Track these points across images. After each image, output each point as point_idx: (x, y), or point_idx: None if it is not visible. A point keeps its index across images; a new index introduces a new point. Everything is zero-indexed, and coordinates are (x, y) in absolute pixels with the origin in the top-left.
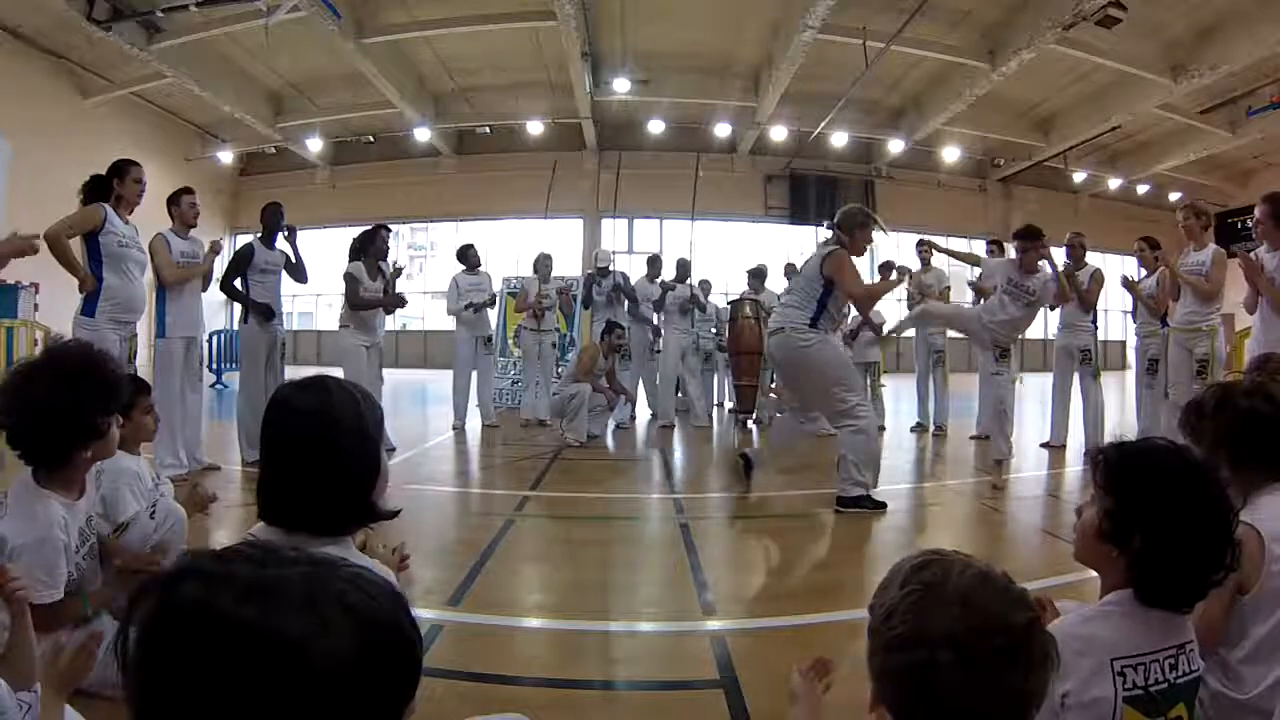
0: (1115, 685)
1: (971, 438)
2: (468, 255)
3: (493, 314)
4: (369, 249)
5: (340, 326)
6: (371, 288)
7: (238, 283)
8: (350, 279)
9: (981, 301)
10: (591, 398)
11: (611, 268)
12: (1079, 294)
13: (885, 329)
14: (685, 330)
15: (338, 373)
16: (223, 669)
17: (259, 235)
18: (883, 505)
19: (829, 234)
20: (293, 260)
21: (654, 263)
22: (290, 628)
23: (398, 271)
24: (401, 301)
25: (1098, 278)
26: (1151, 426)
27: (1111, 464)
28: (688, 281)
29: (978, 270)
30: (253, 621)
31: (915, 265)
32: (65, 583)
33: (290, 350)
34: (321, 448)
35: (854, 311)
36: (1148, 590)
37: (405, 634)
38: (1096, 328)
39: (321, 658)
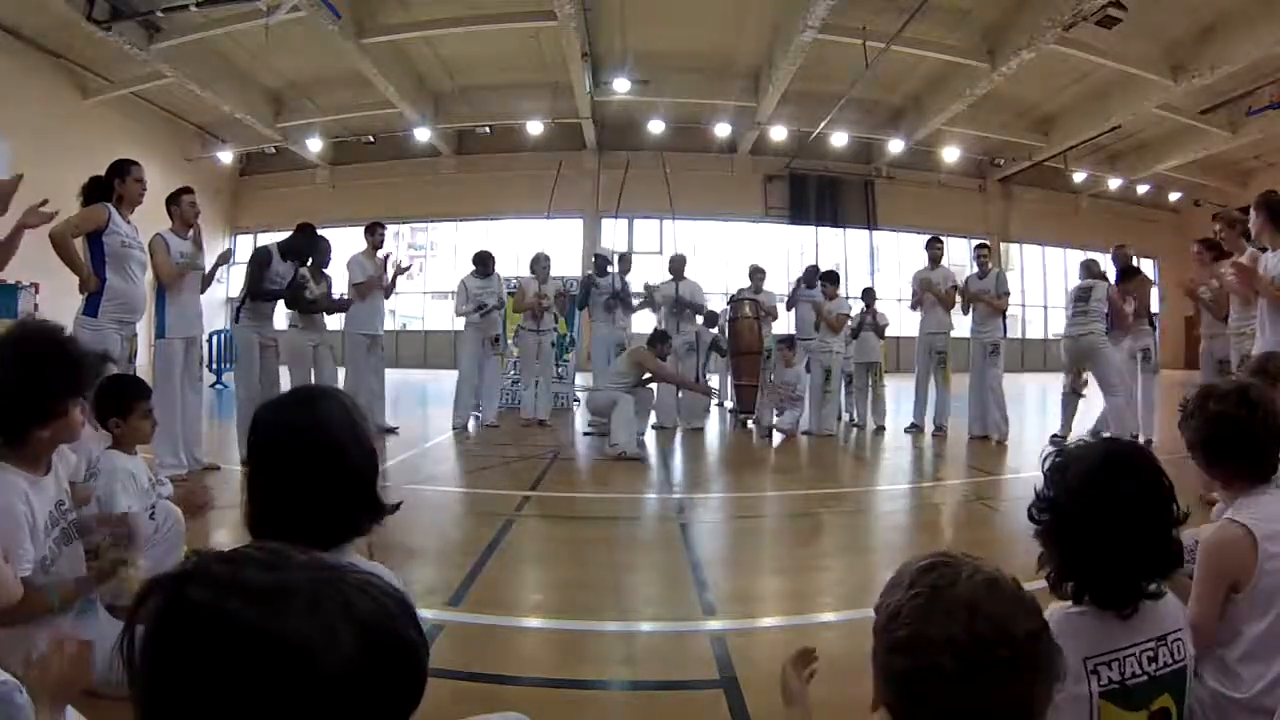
0: (1090, 683)
1: (970, 438)
2: (486, 262)
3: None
4: (314, 257)
5: (289, 326)
6: (316, 292)
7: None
8: (298, 283)
9: (973, 310)
10: (637, 402)
11: (612, 269)
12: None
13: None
14: (674, 331)
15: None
16: (228, 672)
17: (279, 243)
18: None
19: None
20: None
21: (677, 263)
22: (296, 633)
23: (400, 269)
24: (345, 305)
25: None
26: None
27: (1045, 465)
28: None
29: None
30: (259, 625)
31: (923, 263)
32: (34, 563)
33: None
34: (323, 461)
35: (854, 310)
36: (1078, 590)
37: (411, 642)
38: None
39: (326, 664)
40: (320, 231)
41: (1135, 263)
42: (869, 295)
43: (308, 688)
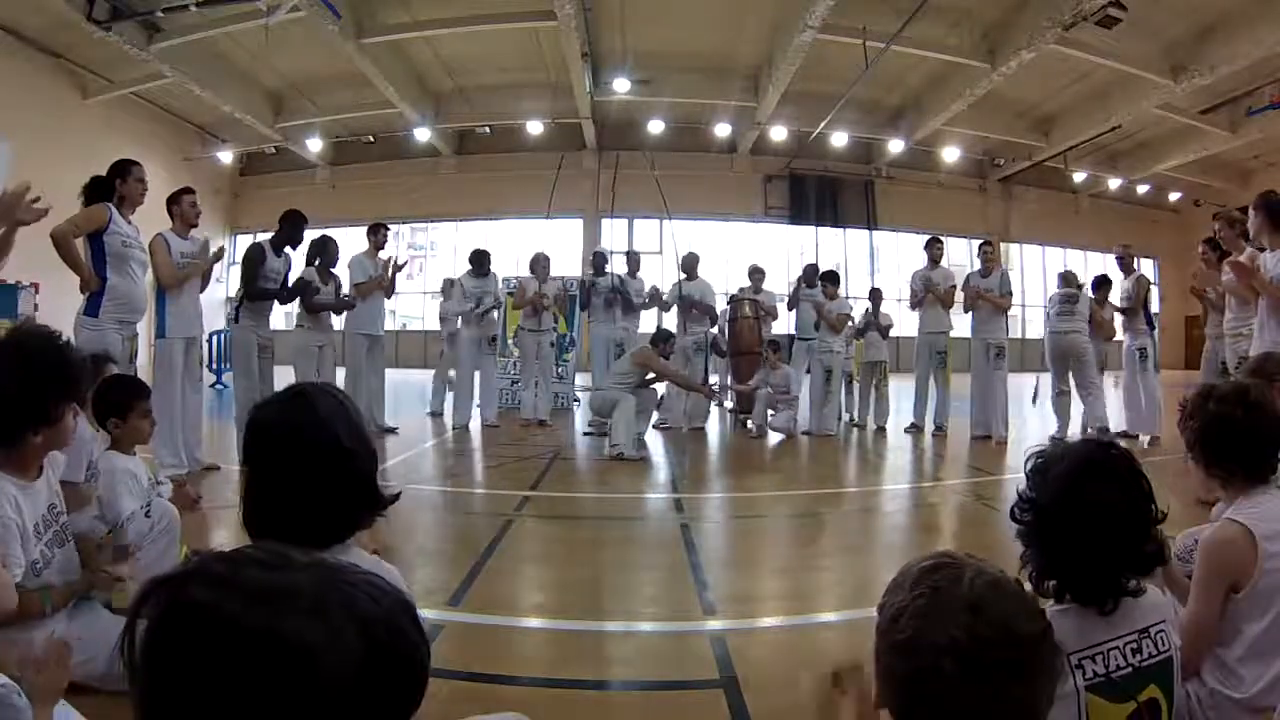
0: (1075, 678)
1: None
2: (482, 261)
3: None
4: (322, 257)
5: (295, 326)
6: (324, 291)
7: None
8: (304, 284)
9: (975, 310)
10: (639, 402)
11: (610, 267)
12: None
13: None
14: (683, 331)
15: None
16: (229, 673)
17: (271, 238)
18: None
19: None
20: (287, 284)
21: (689, 262)
22: (298, 633)
23: (398, 267)
24: (351, 304)
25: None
26: None
27: (1028, 467)
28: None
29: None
30: (260, 626)
31: (923, 263)
32: (24, 568)
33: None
34: (320, 455)
35: (855, 310)
36: (1059, 588)
37: (413, 642)
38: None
39: (328, 664)
40: (320, 232)
41: (1135, 264)
42: (876, 295)
43: (309, 689)
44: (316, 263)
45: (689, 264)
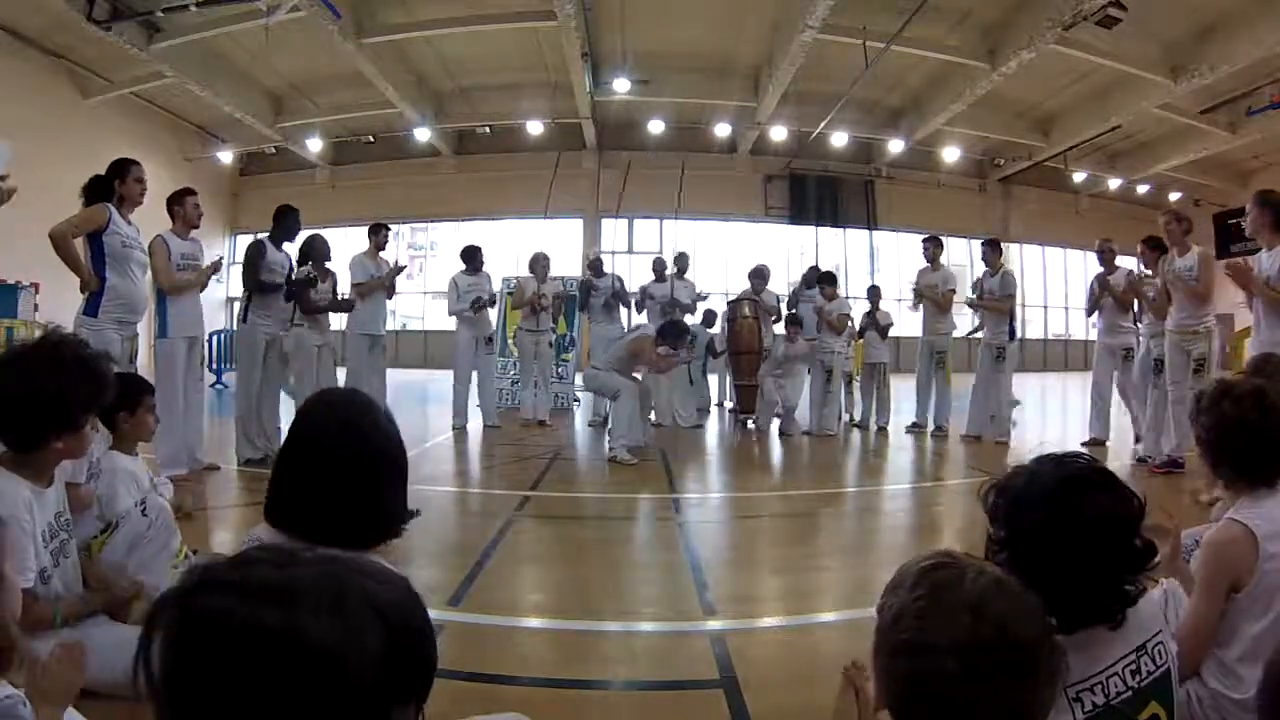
0: (1073, 712)
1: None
2: (474, 257)
3: (493, 314)
4: (313, 255)
5: (293, 325)
6: (321, 290)
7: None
8: (309, 278)
9: (977, 316)
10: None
11: (607, 269)
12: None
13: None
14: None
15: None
16: (254, 676)
17: (269, 234)
18: None
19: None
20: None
21: (665, 262)
22: (316, 629)
23: (399, 269)
24: (350, 306)
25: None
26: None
27: (991, 490)
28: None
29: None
30: (279, 625)
31: (921, 263)
32: (36, 573)
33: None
34: (379, 466)
35: (855, 310)
36: (1063, 623)
37: (427, 628)
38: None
39: (350, 657)
40: (320, 231)
41: (1115, 260)
42: (874, 294)
43: (333, 683)
44: (309, 264)
45: (663, 264)
